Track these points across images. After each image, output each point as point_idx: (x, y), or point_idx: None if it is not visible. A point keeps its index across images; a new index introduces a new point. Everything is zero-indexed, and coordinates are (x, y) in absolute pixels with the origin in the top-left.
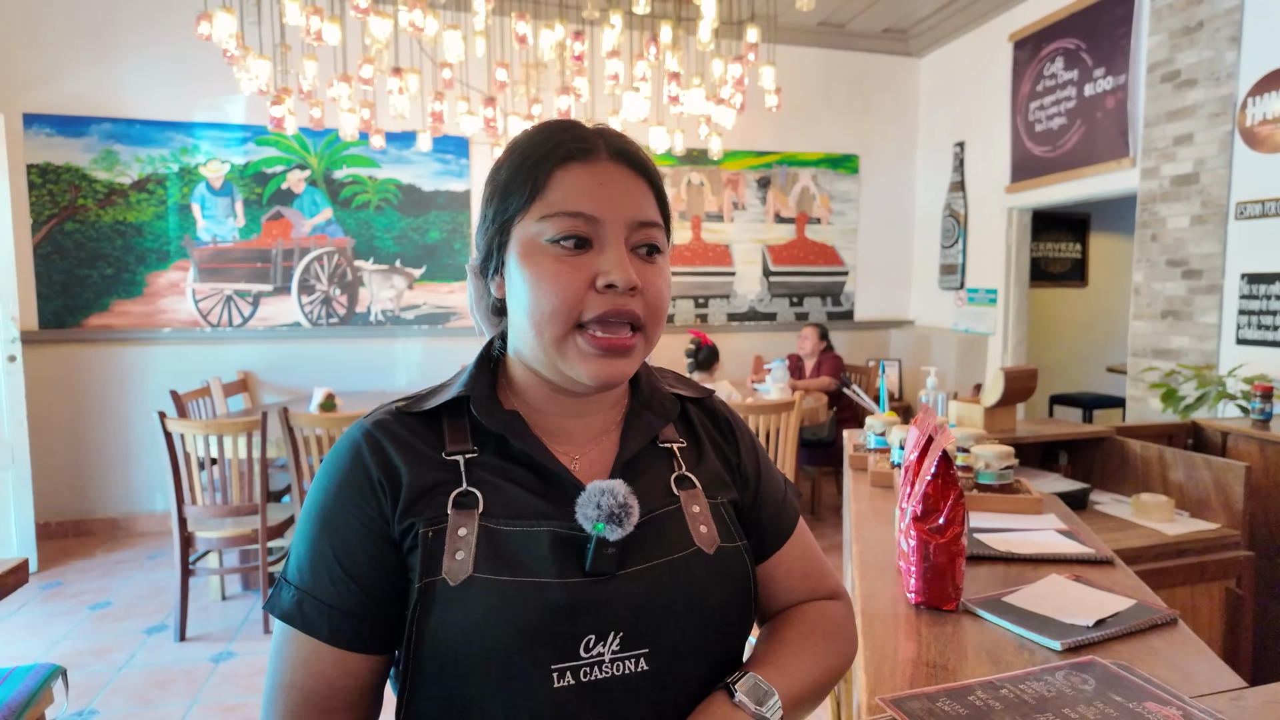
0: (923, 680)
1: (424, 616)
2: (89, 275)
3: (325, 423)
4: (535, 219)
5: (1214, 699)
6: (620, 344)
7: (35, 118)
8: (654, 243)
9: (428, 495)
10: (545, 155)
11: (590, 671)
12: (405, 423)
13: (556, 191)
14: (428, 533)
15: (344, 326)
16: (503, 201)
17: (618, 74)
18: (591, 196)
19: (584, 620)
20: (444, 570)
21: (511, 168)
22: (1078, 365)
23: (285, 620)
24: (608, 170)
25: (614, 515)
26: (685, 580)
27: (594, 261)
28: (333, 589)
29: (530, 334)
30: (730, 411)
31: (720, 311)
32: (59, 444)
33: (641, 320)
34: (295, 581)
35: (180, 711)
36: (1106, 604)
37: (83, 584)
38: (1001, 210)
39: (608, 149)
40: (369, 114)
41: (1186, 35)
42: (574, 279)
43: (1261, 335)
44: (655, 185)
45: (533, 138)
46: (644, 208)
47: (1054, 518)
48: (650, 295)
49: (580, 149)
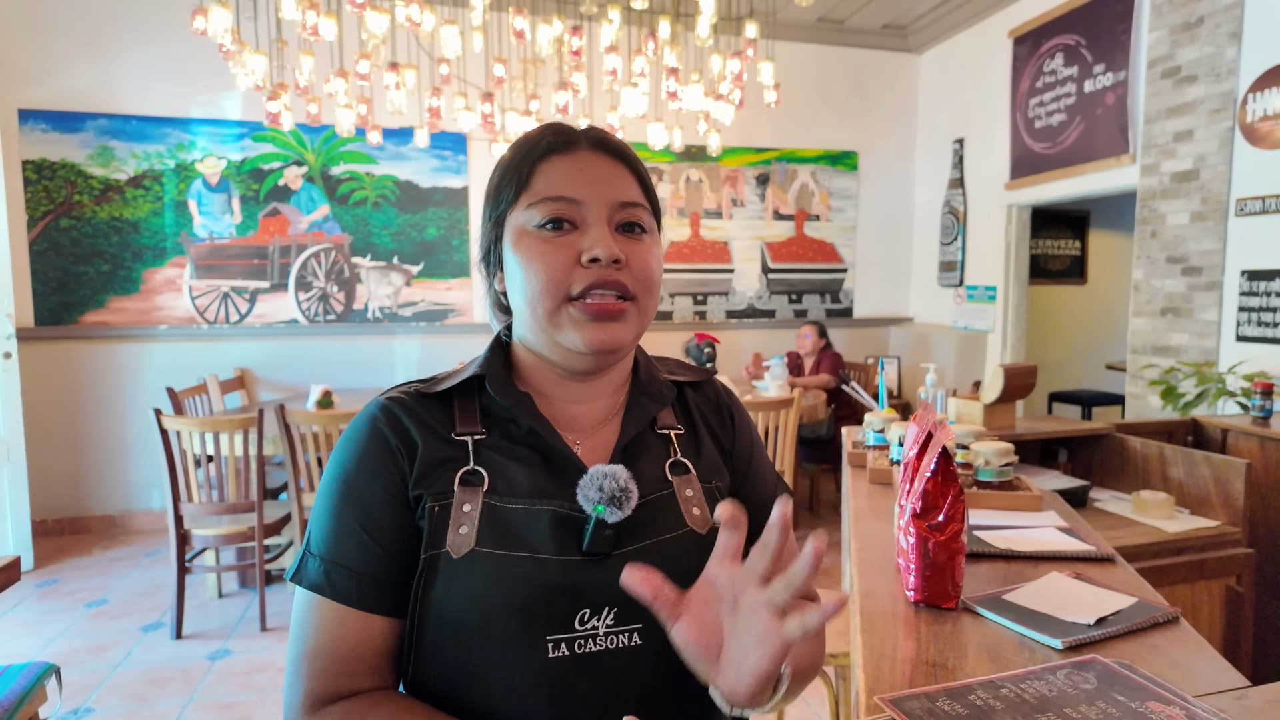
0: (922, 679)
1: (428, 586)
2: (85, 272)
3: (322, 420)
4: (523, 208)
5: (1217, 698)
6: (609, 308)
7: (30, 113)
8: (638, 220)
9: (437, 470)
10: (529, 152)
11: (584, 644)
12: (420, 401)
13: (540, 181)
14: (434, 507)
15: (341, 323)
16: (495, 199)
17: (616, 69)
18: (572, 181)
19: (579, 596)
20: (448, 543)
21: (502, 168)
22: (1077, 362)
23: (315, 590)
24: (587, 158)
25: (615, 498)
26: (678, 560)
27: (579, 240)
28: (360, 555)
29: (526, 314)
30: (733, 398)
31: (719, 309)
32: (55, 441)
33: (630, 290)
34: (320, 552)
35: (177, 709)
36: (1107, 602)
37: (79, 582)
38: (1001, 207)
39: (587, 140)
40: (366, 110)
41: (1187, 31)
42: (560, 256)
43: (1261, 332)
44: (636, 170)
45: (520, 140)
46: (624, 189)
47: (1054, 515)
48: (637, 267)
49: (561, 142)
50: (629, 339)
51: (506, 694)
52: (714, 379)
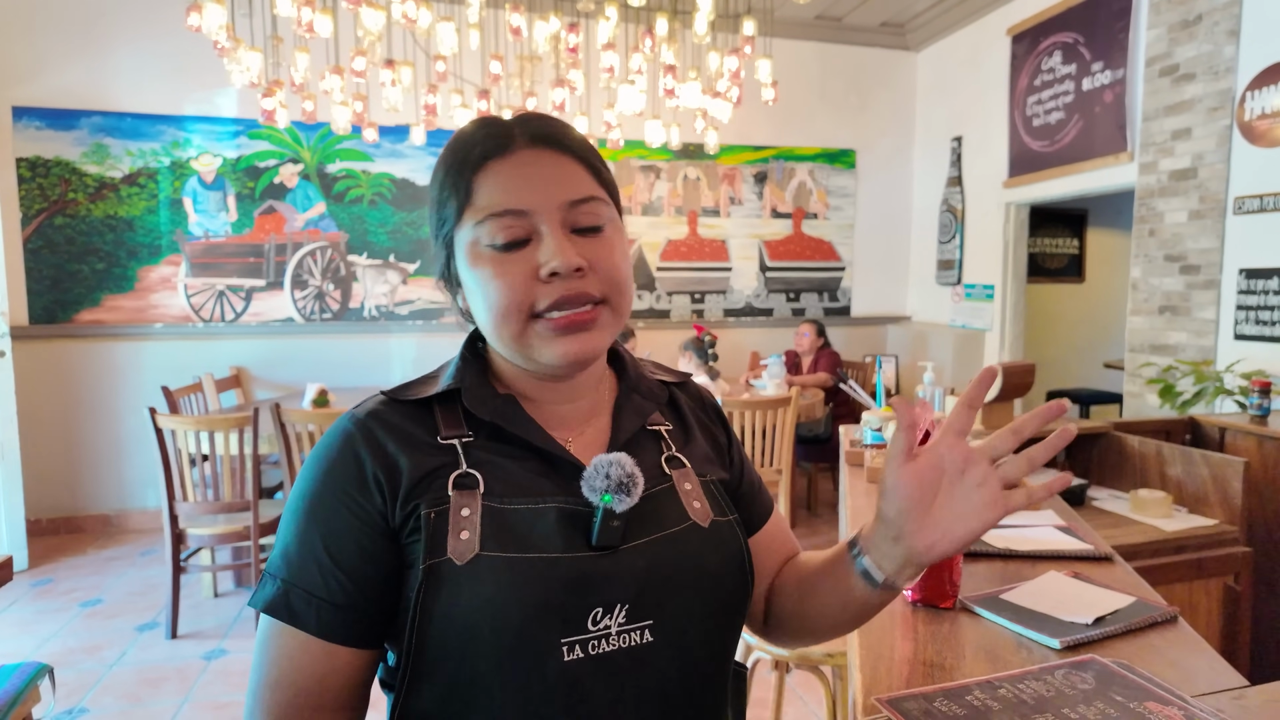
0: (919, 680)
1: (431, 598)
2: (80, 270)
3: (318, 419)
4: (470, 226)
5: (1215, 698)
6: (579, 319)
7: (24, 110)
8: (596, 217)
9: (429, 479)
10: (463, 161)
11: (598, 644)
12: (398, 410)
13: (481, 195)
14: (430, 514)
15: (337, 322)
16: (439, 215)
17: (613, 67)
18: (514, 190)
19: (591, 594)
20: (449, 550)
21: (438, 180)
22: (1075, 361)
23: (270, 613)
24: (526, 158)
25: (622, 485)
26: (684, 553)
27: (533, 253)
28: (320, 580)
29: (493, 335)
30: (712, 397)
31: (716, 307)
32: (49, 440)
33: (598, 295)
34: (280, 574)
35: (172, 709)
36: (1105, 601)
37: (73, 581)
38: (999, 205)
39: (523, 136)
40: (362, 107)
41: (1185, 29)
42: (518, 275)
43: (1259, 330)
44: (585, 159)
45: (454, 143)
46: (574, 186)
47: (1052, 514)
48: (603, 269)
49: (496, 145)
50: (605, 343)
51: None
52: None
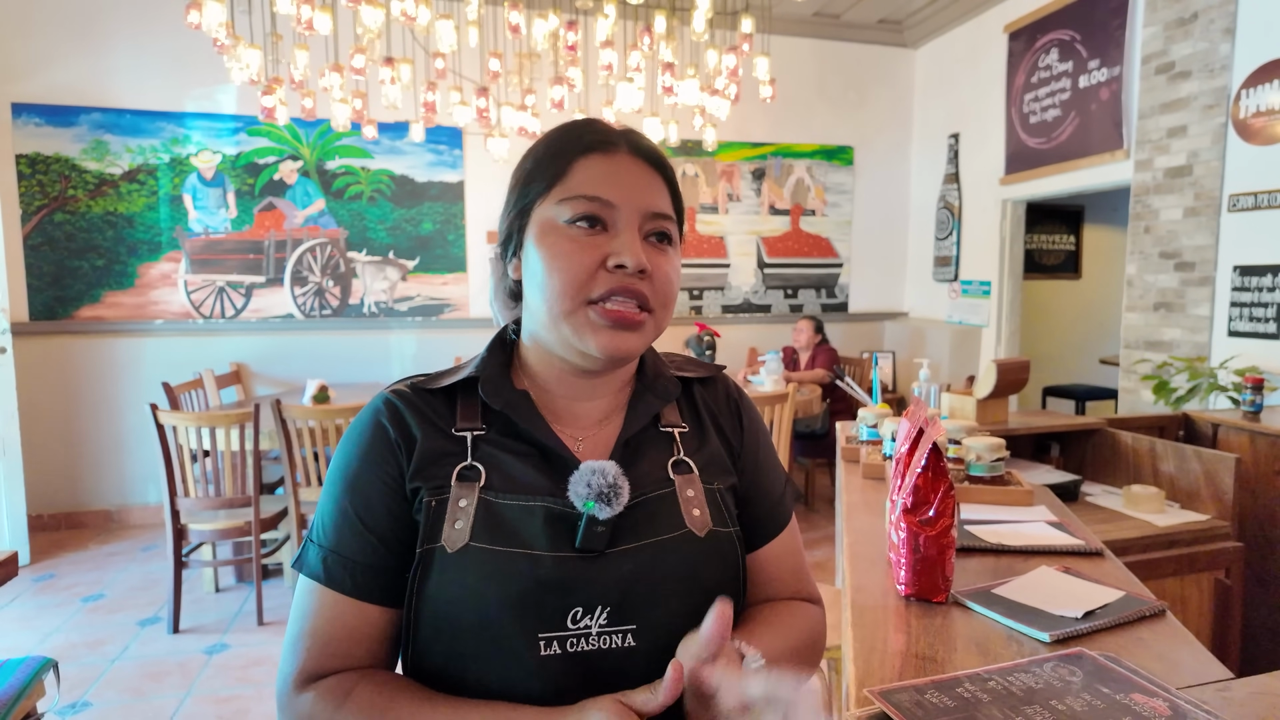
0: (911, 672)
1: (423, 580)
2: (80, 266)
3: (318, 415)
4: (554, 202)
5: (1200, 690)
6: (629, 317)
7: (24, 107)
8: (667, 232)
9: (435, 463)
10: (568, 146)
11: (577, 643)
12: (422, 396)
13: (576, 177)
14: (431, 502)
15: (337, 318)
16: (525, 188)
17: (611, 64)
18: (609, 183)
19: (572, 594)
20: (443, 538)
21: (536, 157)
22: (1071, 357)
23: (312, 577)
24: (625, 162)
25: (603, 494)
26: (674, 561)
27: (607, 243)
28: (355, 544)
29: (543, 309)
30: (742, 395)
31: (715, 303)
32: (51, 436)
33: (650, 303)
34: (320, 540)
35: (174, 703)
36: (1095, 596)
37: (75, 576)
38: (996, 202)
39: (627, 144)
40: (361, 104)
41: (1181, 27)
42: (586, 257)
43: (1253, 327)
44: (670, 182)
45: (558, 132)
46: (658, 200)
47: (1045, 509)
48: (659, 280)
49: (601, 141)
50: (641, 349)
51: (502, 686)
52: (723, 375)
